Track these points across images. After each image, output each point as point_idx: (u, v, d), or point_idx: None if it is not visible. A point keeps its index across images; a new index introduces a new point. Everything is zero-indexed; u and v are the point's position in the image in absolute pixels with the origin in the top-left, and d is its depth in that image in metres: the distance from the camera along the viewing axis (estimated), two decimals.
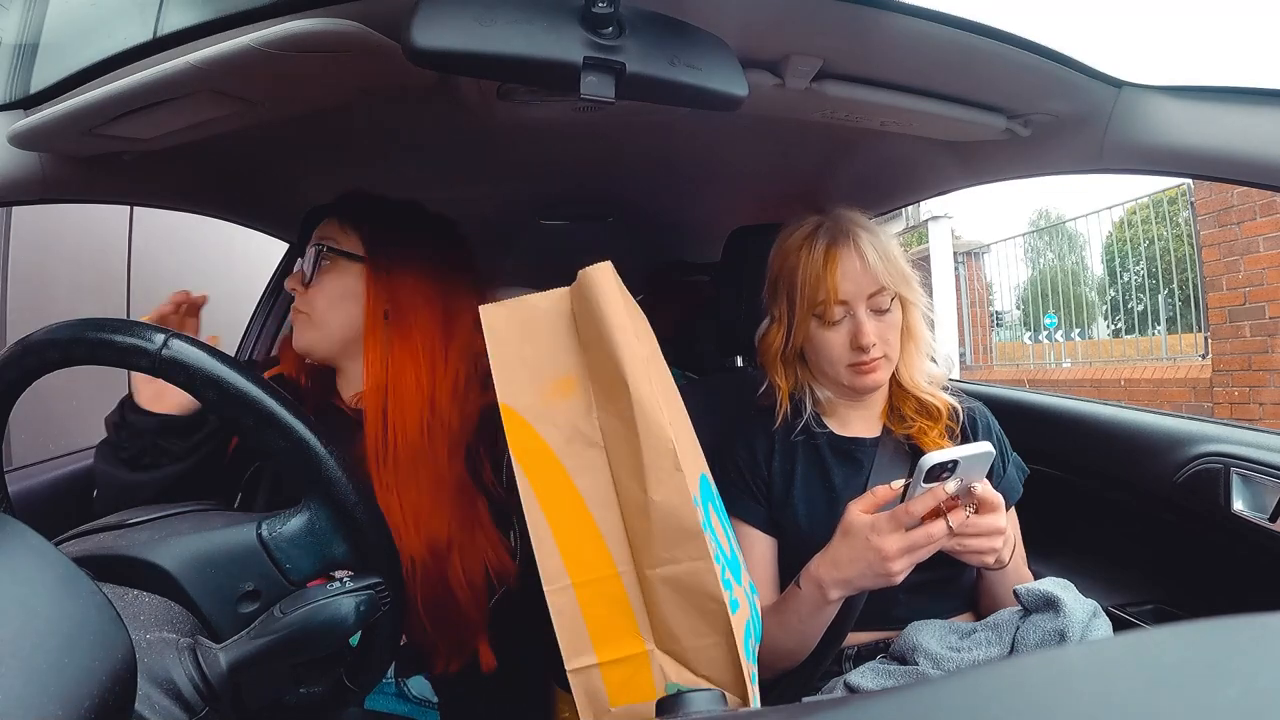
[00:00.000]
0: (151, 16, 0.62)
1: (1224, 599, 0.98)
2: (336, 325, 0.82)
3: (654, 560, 0.56)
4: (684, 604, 0.56)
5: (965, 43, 0.68)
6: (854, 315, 0.87)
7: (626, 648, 0.57)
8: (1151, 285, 5.32)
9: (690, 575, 0.56)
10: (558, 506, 0.56)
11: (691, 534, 0.55)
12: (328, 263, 0.82)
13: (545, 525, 0.56)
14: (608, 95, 0.55)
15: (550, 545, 0.56)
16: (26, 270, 1.86)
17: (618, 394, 0.55)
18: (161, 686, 0.40)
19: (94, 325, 0.46)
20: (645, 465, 0.55)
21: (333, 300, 0.82)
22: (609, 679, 0.57)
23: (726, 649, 0.57)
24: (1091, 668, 0.19)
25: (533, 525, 0.56)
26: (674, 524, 0.55)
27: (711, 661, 0.57)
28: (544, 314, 0.58)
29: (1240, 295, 3.84)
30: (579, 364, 0.58)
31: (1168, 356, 4.81)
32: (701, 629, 0.57)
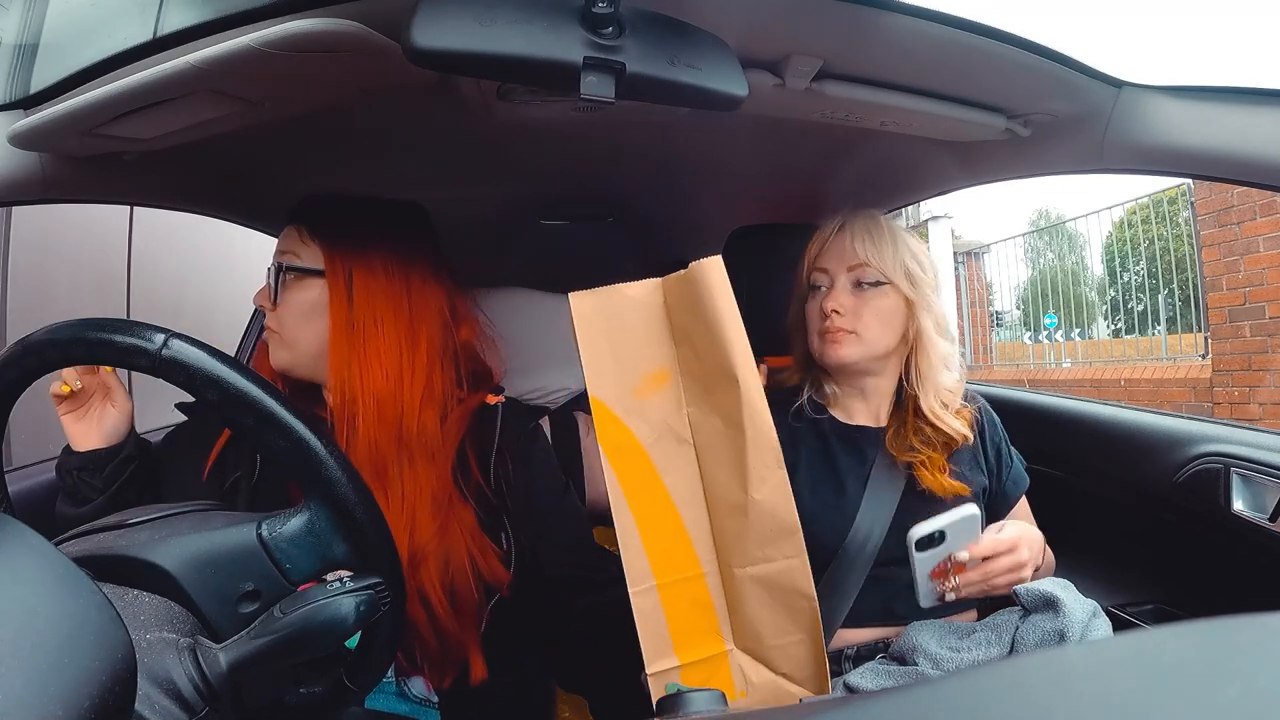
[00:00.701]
0: (151, 16, 0.62)
1: (1224, 599, 0.98)
2: (308, 342, 0.80)
3: (746, 559, 0.55)
4: (772, 602, 0.56)
5: (965, 43, 0.68)
6: (832, 284, 0.92)
7: (707, 648, 0.56)
8: (1151, 285, 5.32)
9: (784, 574, 0.55)
10: (645, 504, 0.55)
11: (790, 531, 0.54)
12: (290, 278, 0.81)
13: (632, 524, 0.55)
14: (608, 95, 0.55)
15: (637, 545, 0.55)
16: (26, 270, 1.86)
17: (721, 389, 0.54)
18: (161, 686, 0.40)
19: (94, 325, 0.46)
20: (749, 463, 0.54)
21: (301, 317, 0.80)
22: (688, 680, 0.57)
23: (811, 645, 0.57)
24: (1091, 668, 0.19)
25: (620, 524, 0.55)
26: (773, 522, 0.54)
27: (793, 659, 0.57)
28: (636, 304, 0.57)
29: (1240, 295, 3.84)
30: (671, 357, 0.56)
31: (1168, 356, 4.81)
32: (787, 627, 0.56)
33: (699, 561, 0.56)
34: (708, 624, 0.57)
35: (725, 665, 0.57)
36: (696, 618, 0.56)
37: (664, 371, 0.56)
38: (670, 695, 0.56)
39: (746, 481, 0.54)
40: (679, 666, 0.56)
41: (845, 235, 0.92)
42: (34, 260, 1.89)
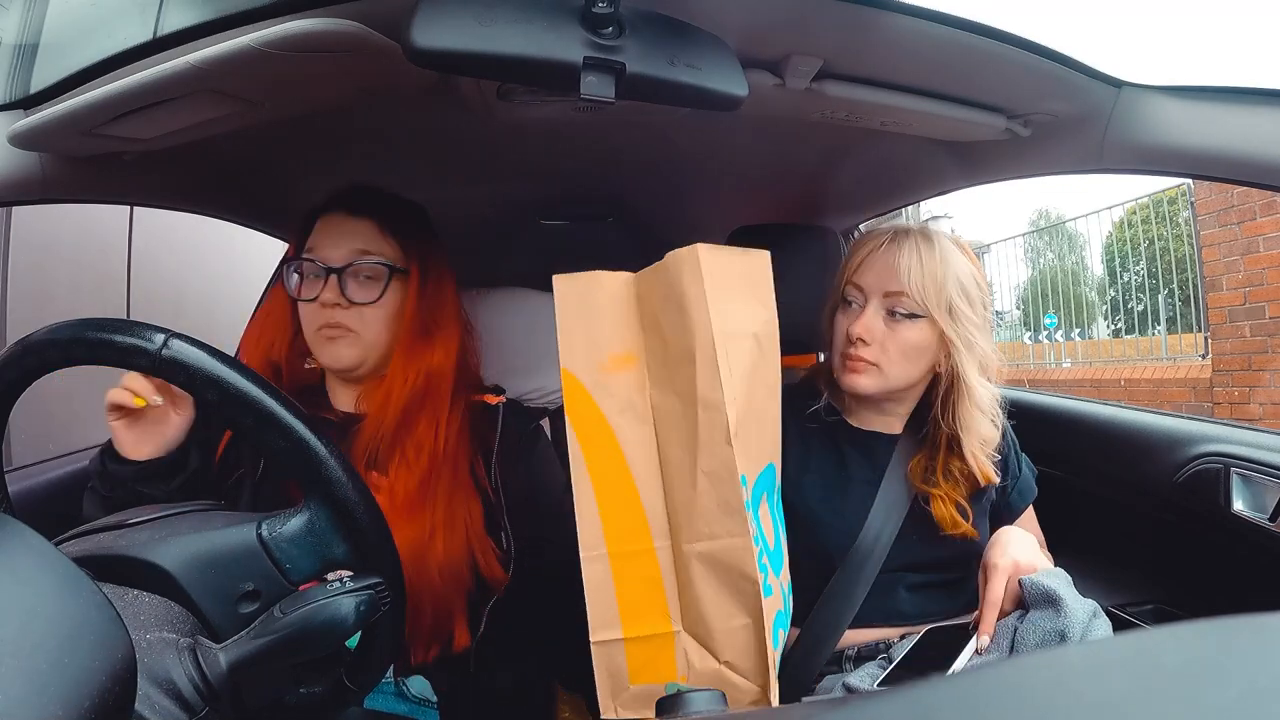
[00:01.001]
0: (151, 16, 0.62)
1: (1224, 599, 0.98)
2: (386, 342, 0.81)
3: (694, 535, 0.56)
4: (717, 583, 0.56)
5: (965, 43, 0.68)
6: (864, 305, 0.86)
7: (653, 626, 0.57)
8: (1151, 285, 5.33)
9: (727, 552, 0.56)
10: (604, 474, 0.57)
11: (733, 509, 0.55)
12: (370, 273, 0.80)
13: (590, 490, 0.57)
14: (608, 95, 0.55)
15: (592, 511, 0.57)
16: (26, 270, 1.86)
17: (682, 369, 0.56)
18: (161, 686, 0.40)
19: (94, 325, 0.46)
20: (700, 438, 0.55)
21: (390, 315, 0.81)
22: (632, 656, 0.57)
23: (755, 633, 0.57)
24: (1091, 668, 0.19)
25: (578, 490, 0.57)
26: (718, 497, 0.55)
27: (737, 647, 0.57)
28: (609, 292, 0.60)
29: (1240, 295, 3.84)
30: (639, 344, 0.59)
31: (1168, 356, 4.82)
32: (732, 610, 0.57)
33: (651, 536, 0.57)
34: (656, 601, 0.58)
35: (670, 646, 0.58)
36: (645, 593, 0.57)
37: (631, 355, 0.59)
38: (670, 695, 0.56)
39: (697, 454, 0.55)
40: (622, 640, 0.57)
41: (892, 254, 0.84)
42: (34, 260, 1.89)
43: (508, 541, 0.82)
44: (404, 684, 0.77)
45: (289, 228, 1.28)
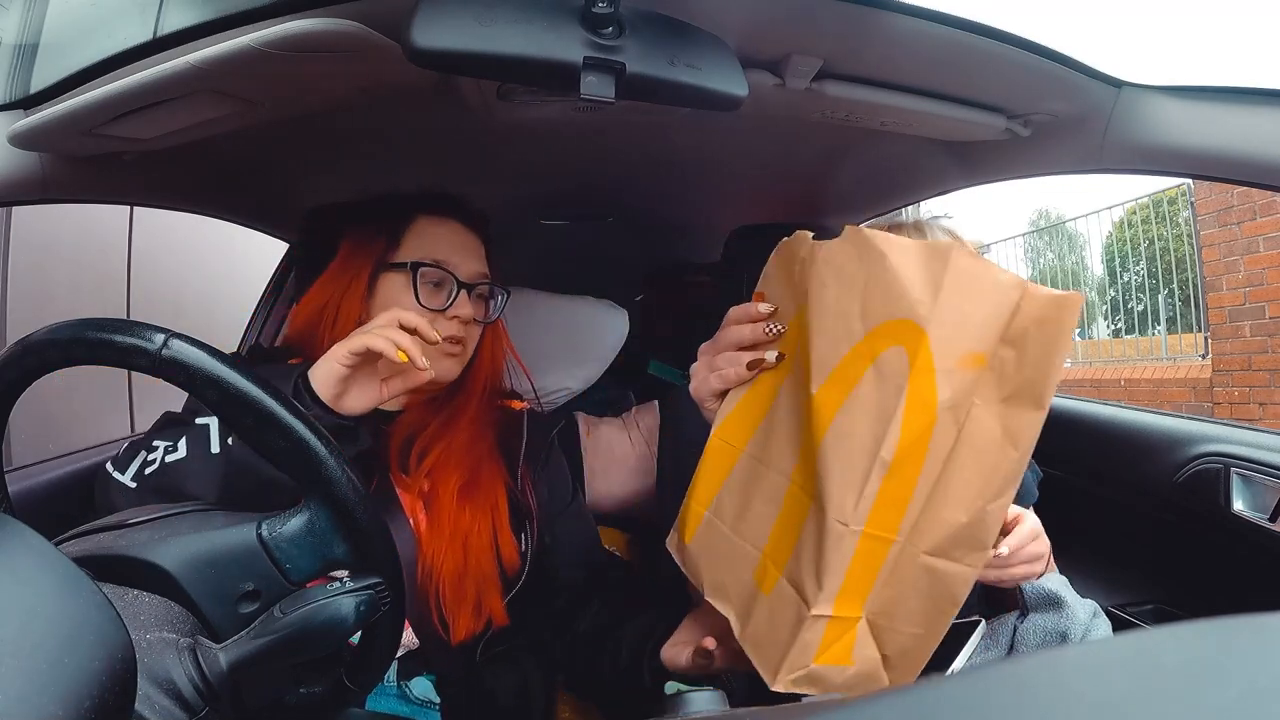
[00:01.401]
0: (151, 16, 0.62)
1: (1224, 599, 0.98)
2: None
3: (936, 549, 0.55)
4: (925, 595, 0.56)
5: (965, 43, 0.68)
6: None
7: (850, 609, 0.56)
8: (1151, 285, 5.32)
9: (956, 577, 0.55)
10: (902, 459, 0.54)
11: (983, 546, 0.55)
12: (486, 293, 0.86)
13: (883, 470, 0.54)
14: (608, 95, 0.55)
15: (874, 489, 0.54)
16: (26, 270, 1.86)
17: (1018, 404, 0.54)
18: (161, 686, 0.40)
19: (94, 325, 0.46)
20: (1001, 476, 0.54)
21: (480, 335, 0.86)
22: (826, 635, 0.56)
23: (927, 646, 0.57)
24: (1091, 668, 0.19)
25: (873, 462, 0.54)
26: (979, 532, 0.55)
27: (904, 650, 0.58)
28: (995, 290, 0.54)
29: (1240, 295, 3.84)
30: (994, 351, 0.55)
31: (1168, 356, 4.81)
32: (919, 621, 0.56)
33: (899, 530, 0.55)
34: (864, 588, 0.57)
35: (853, 631, 0.57)
36: (862, 578, 0.56)
37: (983, 358, 0.55)
38: (670, 695, 0.56)
39: (989, 490, 0.54)
40: (829, 618, 0.55)
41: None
42: (34, 260, 1.89)
43: (526, 542, 0.83)
44: (406, 686, 0.77)
45: (289, 228, 1.29)
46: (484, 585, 0.77)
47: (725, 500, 0.64)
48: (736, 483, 0.63)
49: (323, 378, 0.64)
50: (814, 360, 0.57)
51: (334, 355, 0.65)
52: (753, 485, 0.61)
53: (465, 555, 0.76)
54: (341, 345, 0.65)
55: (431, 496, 0.79)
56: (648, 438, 1.25)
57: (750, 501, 0.61)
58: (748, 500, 0.62)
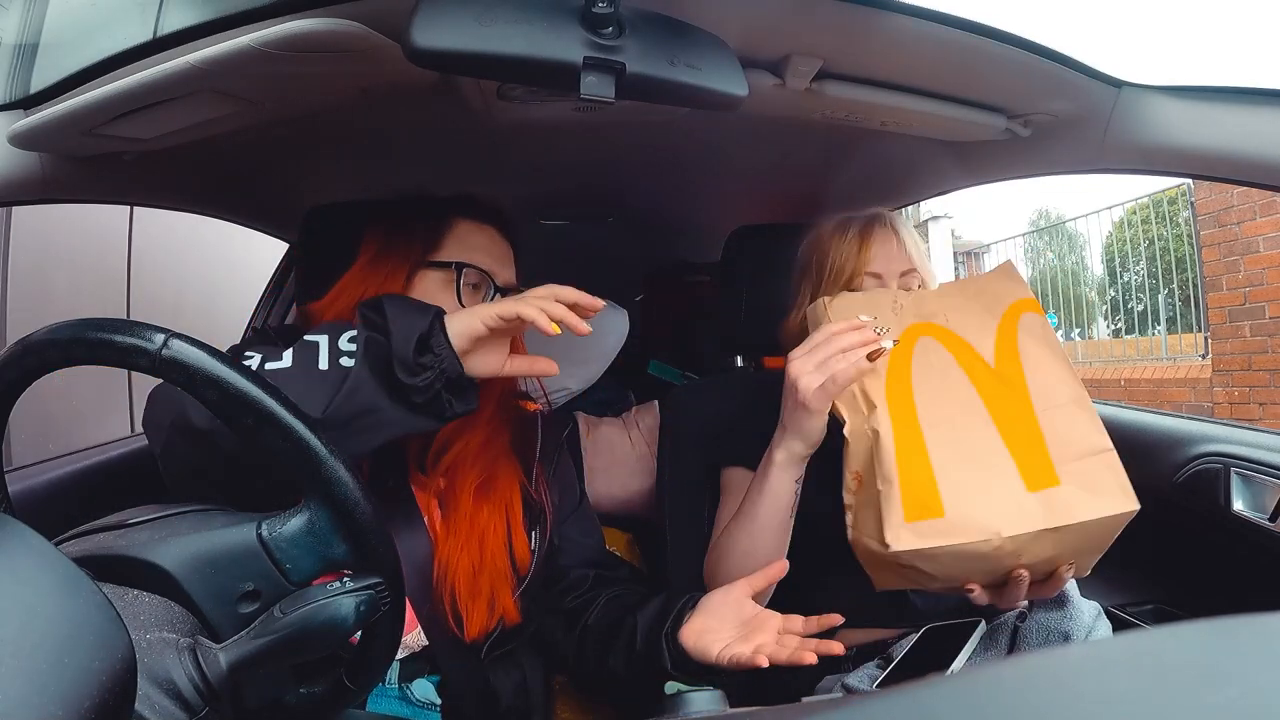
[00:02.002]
0: (151, 16, 0.62)
1: (1224, 599, 0.98)
2: None
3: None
4: None
5: (965, 43, 0.68)
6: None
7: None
8: (1151, 285, 5.32)
9: None
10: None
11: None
12: None
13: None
14: (608, 95, 0.55)
15: None
16: (26, 270, 1.86)
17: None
18: (161, 686, 0.40)
19: (94, 325, 0.46)
20: None
21: None
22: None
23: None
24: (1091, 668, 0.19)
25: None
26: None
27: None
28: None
29: (1240, 295, 3.84)
30: None
31: (1168, 356, 4.81)
32: None
33: None
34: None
35: None
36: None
37: None
38: (670, 695, 0.56)
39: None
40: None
41: (890, 237, 0.89)
42: (34, 260, 1.89)
43: (538, 541, 0.83)
44: (408, 688, 0.77)
45: (289, 228, 1.29)
46: (498, 582, 0.77)
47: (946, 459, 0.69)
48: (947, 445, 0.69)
49: (461, 330, 0.64)
50: (976, 347, 0.73)
51: (479, 313, 0.65)
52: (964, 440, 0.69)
53: (482, 552, 0.77)
54: (490, 306, 0.65)
55: (449, 495, 0.79)
56: (648, 438, 1.25)
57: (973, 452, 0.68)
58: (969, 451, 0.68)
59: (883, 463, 0.66)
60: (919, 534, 0.62)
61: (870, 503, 0.66)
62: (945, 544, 0.62)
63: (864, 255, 0.88)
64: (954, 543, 0.62)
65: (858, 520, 0.67)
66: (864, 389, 0.71)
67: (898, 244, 0.88)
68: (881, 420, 0.68)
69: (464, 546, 0.76)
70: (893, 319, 0.76)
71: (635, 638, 0.76)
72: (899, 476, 0.65)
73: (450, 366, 0.63)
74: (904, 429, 0.68)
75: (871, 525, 0.65)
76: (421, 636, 0.76)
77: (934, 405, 0.70)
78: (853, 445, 0.68)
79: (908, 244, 0.88)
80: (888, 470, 0.66)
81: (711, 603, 0.73)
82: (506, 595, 0.78)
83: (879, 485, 0.65)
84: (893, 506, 0.64)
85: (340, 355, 0.63)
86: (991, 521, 0.63)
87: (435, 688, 0.78)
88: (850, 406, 0.70)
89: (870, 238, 0.88)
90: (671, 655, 0.72)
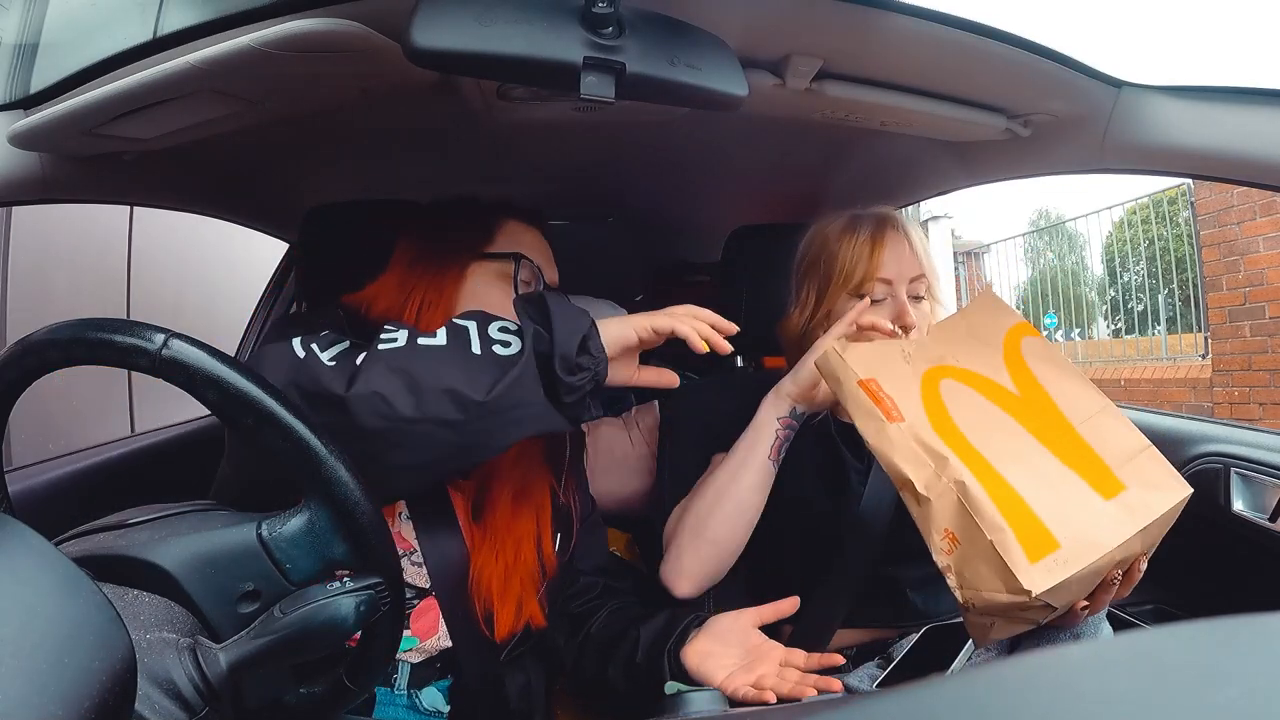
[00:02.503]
0: (151, 16, 0.62)
1: (1224, 599, 0.98)
2: None
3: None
4: None
5: (965, 43, 0.68)
6: (895, 297, 0.87)
7: None
8: (1151, 285, 5.32)
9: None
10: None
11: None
12: None
13: None
14: (608, 95, 0.55)
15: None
16: (26, 270, 1.86)
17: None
18: (161, 686, 0.40)
19: (94, 325, 0.46)
20: None
21: None
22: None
23: None
24: (1091, 668, 0.19)
25: None
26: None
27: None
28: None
29: (1240, 295, 3.84)
30: None
31: (1168, 356, 4.81)
32: None
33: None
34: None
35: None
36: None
37: None
38: (670, 695, 0.56)
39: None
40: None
41: (900, 241, 0.88)
42: (34, 260, 1.89)
43: (564, 546, 0.84)
44: (416, 696, 0.77)
45: (289, 228, 1.29)
46: (527, 585, 0.78)
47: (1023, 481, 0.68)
48: (1025, 478, 0.68)
49: (615, 337, 0.65)
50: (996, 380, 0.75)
51: (631, 322, 0.66)
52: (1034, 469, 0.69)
53: (517, 556, 0.77)
54: (643, 318, 0.66)
55: (486, 499, 0.79)
56: (648, 438, 1.25)
57: (1047, 478, 0.69)
58: (1043, 478, 0.68)
59: (982, 513, 0.63)
60: (1049, 571, 0.61)
61: (980, 556, 0.63)
62: (1073, 572, 0.61)
63: (875, 260, 0.87)
64: (1079, 569, 0.61)
65: (966, 578, 0.64)
66: (922, 441, 0.68)
67: (909, 248, 0.87)
68: (960, 470, 0.65)
69: (500, 550, 0.77)
70: (906, 368, 0.75)
71: (636, 650, 0.76)
72: (1006, 521, 0.63)
73: (602, 370, 0.64)
74: (982, 473, 0.66)
75: (989, 578, 0.62)
76: (441, 640, 0.76)
77: (991, 443, 0.69)
78: (935, 503, 0.65)
79: (918, 248, 0.88)
80: (992, 518, 0.63)
81: (719, 626, 0.73)
82: (533, 598, 0.78)
83: (989, 536, 0.62)
84: (1013, 553, 0.61)
85: (492, 343, 0.63)
86: (1099, 537, 0.63)
87: (444, 695, 0.78)
88: (916, 463, 0.67)
89: (882, 241, 0.87)
90: (673, 671, 0.72)
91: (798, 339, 0.94)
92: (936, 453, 0.67)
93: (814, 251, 0.93)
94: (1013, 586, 0.61)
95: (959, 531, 0.65)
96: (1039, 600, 0.60)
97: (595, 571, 0.89)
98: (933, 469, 0.66)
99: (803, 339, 0.93)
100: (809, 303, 0.92)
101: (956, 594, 0.65)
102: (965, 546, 0.64)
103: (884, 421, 0.69)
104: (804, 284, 0.94)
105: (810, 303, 0.92)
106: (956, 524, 0.65)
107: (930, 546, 0.66)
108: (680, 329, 0.65)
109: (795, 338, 0.94)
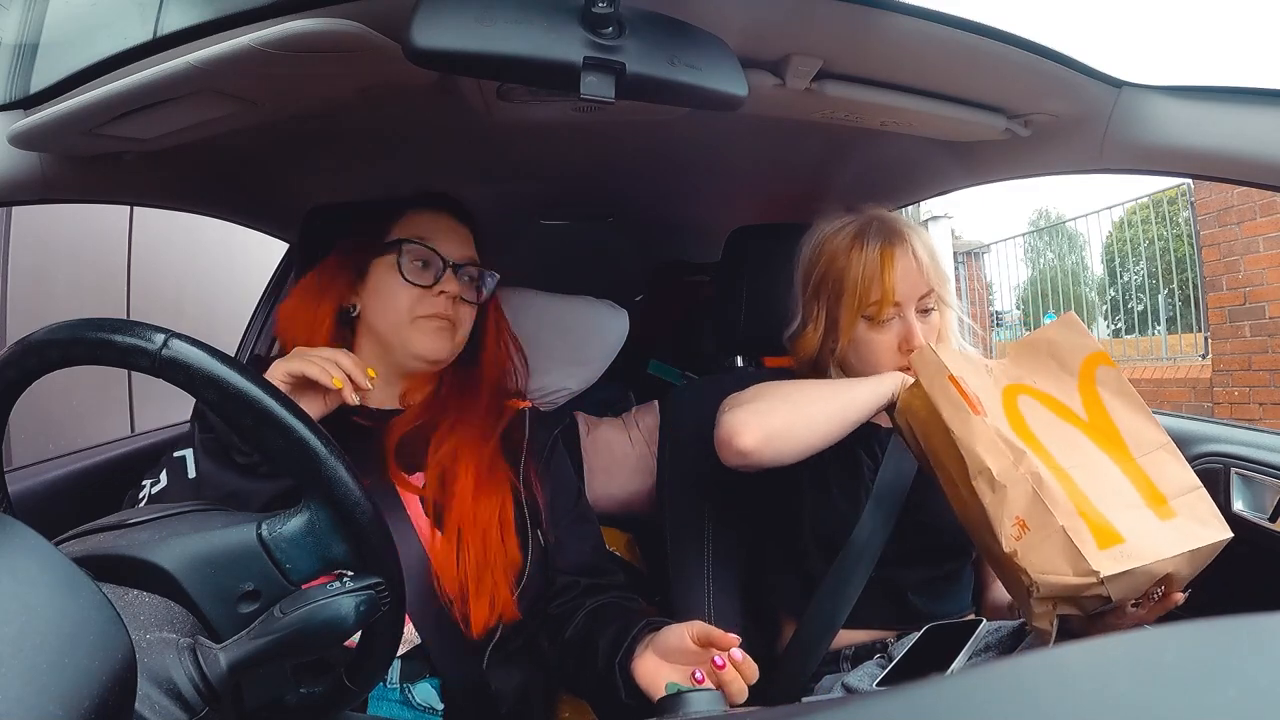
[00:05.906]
0: (151, 16, 0.62)
1: (1224, 599, 0.98)
2: (464, 341, 0.87)
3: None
4: None
5: (965, 43, 0.68)
6: (903, 317, 0.87)
7: None
8: (1151, 285, 5.32)
9: None
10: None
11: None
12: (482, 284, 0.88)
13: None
14: (608, 95, 0.55)
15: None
16: (26, 270, 1.86)
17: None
18: (161, 686, 0.40)
19: (94, 325, 0.46)
20: None
21: (473, 319, 0.87)
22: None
23: None
24: (1091, 668, 0.19)
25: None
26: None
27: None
28: None
29: (1240, 295, 3.83)
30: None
31: (1168, 356, 4.81)
32: None
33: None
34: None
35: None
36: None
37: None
38: (670, 695, 0.56)
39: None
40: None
41: (913, 259, 0.88)
42: (34, 260, 1.89)
43: (531, 540, 0.83)
44: (409, 690, 0.77)
45: (289, 228, 1.29)
46: (497, 577, 0.78)
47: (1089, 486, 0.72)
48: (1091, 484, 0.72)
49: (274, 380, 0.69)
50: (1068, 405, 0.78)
51: (273, 373, 0.70)
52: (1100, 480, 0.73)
53: (485, 548, 0.78)
54: (281, 364, 0.71)
55: (445, 492, 0.80)
56: (647, 438, 1.25)
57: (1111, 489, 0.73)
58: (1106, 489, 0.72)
59: (1057, 502, 0.68)
60: (1116, 559, 0.65)
61: (1050, 540, 0.67)
62: (1138, 565, 0.65)
63: (886, 283, 0.86)
64: (1144, 563, 0.65)
65: (1032, 560, 0.68)
66: (1002, 435, 0.72)
67: (918, 268, 0.87)
68: (1035, 464, 0.70)
69: (467, 543, 0.77)
70: (988, 379, 0.79)
71: (598, 659, 0.75)
72: (1078, 511, 0.68)
73: None
74: (1055, 471, 0.71)
75: (1057, 561, 0.66)
76: (414, 636, 0.76)
77: (1062, 452, 0.73)
78: (1010, 491, 0.70)
79: (925, 264, 0.88)
80: (1066, 507, 0.68)
81: (667, 644, 0.69)
82: (505, 591, 0.78)
83: (1061, 521, 0.66)
84: (1085, 538, 0.66)
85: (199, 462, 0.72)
86: (1158, 544, 0.67)
87: (437, 692, 0.78)
88: (995, 453, 0.72)
89: (891, 262, 0.87)
90: (624, 685, 0.70)
91: (813, 359, 0.94)
92: (1015, 446, 0.71)
93: (820, 266, 0.92)
94: (1080, 569, 0.65)
95: (1030, 519, 0.69)
96: (1102, 586, 0.64)
97: (575, 570, 0.87)
98: (1010, 460, 0.71)
99: (818, 361, 0.94)
100: (820, 321, 0.92)
101: (1023, 576, 0.69)
102: (1034, 533, 0.69)
103: (969, 414, 0.74)
104: (814, 302, 0.93)
105: (822, 322, 0.92)
106: (1028, 511, 0.69)
107: (998, 532, 0.70)
108: (309, 371, 0.70)
109: (810, 358, 0.94)
